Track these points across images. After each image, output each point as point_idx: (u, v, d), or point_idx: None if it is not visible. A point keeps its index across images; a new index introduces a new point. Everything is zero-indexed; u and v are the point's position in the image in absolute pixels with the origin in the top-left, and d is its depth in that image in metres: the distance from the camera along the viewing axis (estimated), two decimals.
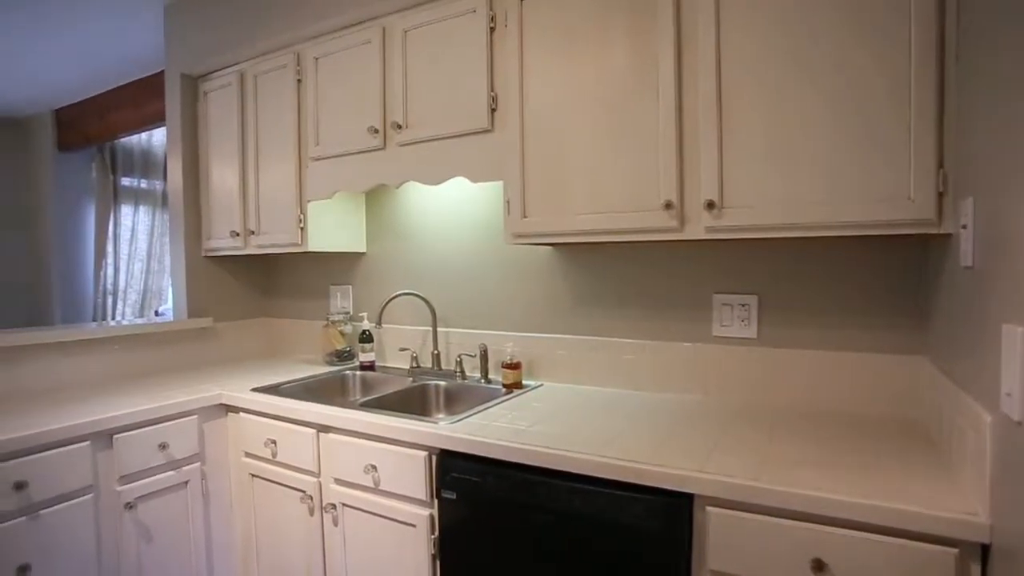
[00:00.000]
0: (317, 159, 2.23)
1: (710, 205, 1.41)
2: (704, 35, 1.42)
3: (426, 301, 2.31)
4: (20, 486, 1.56)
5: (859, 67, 1.25)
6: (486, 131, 1.80)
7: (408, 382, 2.20)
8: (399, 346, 2.47)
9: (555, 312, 2.09)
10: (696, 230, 1.46)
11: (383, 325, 2.46)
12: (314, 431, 1.81)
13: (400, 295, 2.32)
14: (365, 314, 2.52)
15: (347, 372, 2.38)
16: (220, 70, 2.54)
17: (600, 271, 1.99)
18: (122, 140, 4.16)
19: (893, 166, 1.23)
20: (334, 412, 1.75)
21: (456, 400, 2.12)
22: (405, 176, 2.01)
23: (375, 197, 2.55)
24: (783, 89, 1.33)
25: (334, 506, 1.75)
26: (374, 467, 1.65)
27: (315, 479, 1.81)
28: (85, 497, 1.69)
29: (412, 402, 2.09)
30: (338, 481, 1.75)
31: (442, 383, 2.16)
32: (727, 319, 1.75)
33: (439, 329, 2.34)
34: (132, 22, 2.80)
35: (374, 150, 2.06)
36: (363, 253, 2.61)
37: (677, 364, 1.83)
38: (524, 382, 2.05)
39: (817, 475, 1.13)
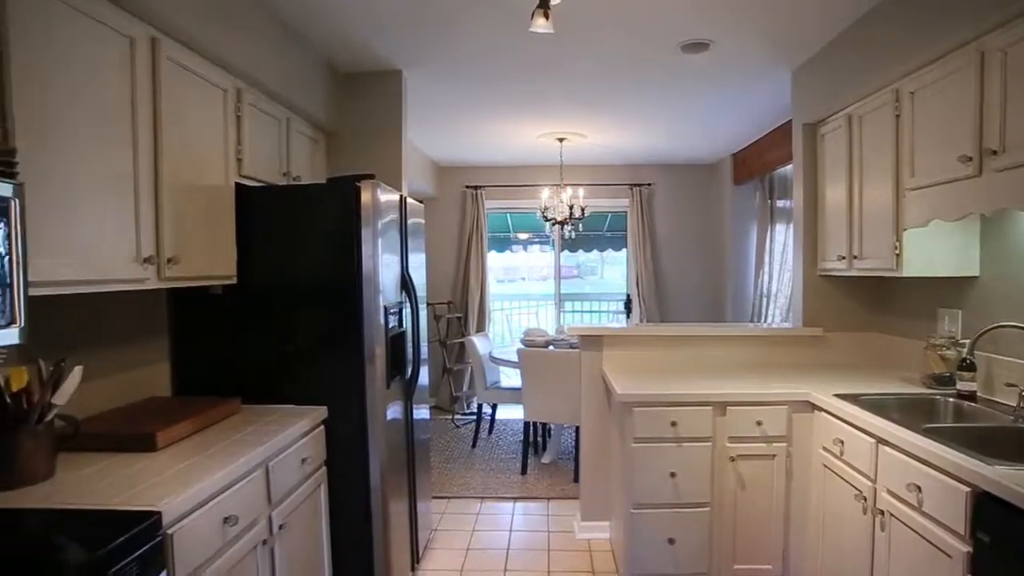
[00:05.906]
0: (912, 189, 2.34)
1: None
2: None
3: None
4: (673, 424, 2.50)
5: None
6: None
7: (1006, 420, 2.06)
8: (1006, 380, 2.26)
9: None
10: None
11: (978, 353, 2.30)
12: (873, 442, 2.03)
13: (1001, 326, 2.15)
14: (968, 341, 2.41)
15: (938, 397, 2.38)
16: (832, 116, 2.93)
17: None
18: (777, 171, 5.01)
19: None
20: (889, 428, 1.94)
21: None
22: (999, 203, 1.92)
23: (994, 219, 2.39)
24: None
25: (883, 512, 1.95)
26: (918, 487, 1.78)
27: (871, 484, 2.04)
28: (706, 444, 2.51)
29: (995, 442, 1.96)
30: (889, 492, 1.94)
31: None
32: None
33: None
34: (777, 86, 3.54)
35: (966, 178, 2.04)
36: (975, 277, 2.48)
37: None
38: None
39: None
